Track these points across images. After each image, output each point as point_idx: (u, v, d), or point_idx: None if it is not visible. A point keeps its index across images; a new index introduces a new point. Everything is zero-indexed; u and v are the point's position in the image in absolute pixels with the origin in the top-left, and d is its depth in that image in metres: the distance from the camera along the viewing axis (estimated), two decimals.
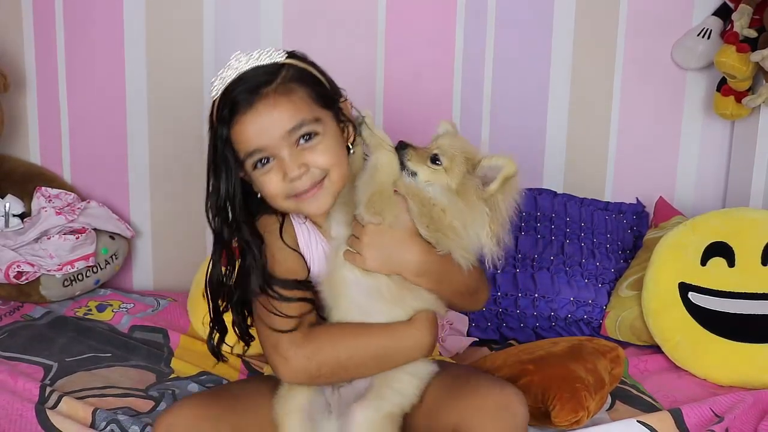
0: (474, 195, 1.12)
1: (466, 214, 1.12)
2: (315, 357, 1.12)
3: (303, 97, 1.14)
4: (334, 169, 1.15)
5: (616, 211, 1.91)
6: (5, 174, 1.89)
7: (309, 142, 1.13)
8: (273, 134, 1.11)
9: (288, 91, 1.13)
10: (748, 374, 1.45)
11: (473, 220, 1.12)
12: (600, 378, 1.27)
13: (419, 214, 1.12)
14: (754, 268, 1.51)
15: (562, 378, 1.24)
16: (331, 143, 1.15)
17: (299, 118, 1.12)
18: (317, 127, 1.14)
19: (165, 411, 1.12)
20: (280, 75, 1.13)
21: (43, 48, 1.93)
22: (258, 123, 1.12)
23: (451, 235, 1.12)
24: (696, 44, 1.89)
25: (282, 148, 1.12)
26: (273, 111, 1.11)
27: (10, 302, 1.76)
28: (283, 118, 1.11)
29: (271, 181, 1.14)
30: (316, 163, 1.13)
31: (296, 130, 1.12)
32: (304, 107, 1.13)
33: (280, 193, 1.14)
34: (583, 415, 1.21)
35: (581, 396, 1.21)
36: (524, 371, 1.28)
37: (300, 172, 1.12)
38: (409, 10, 1.92)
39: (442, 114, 1.94)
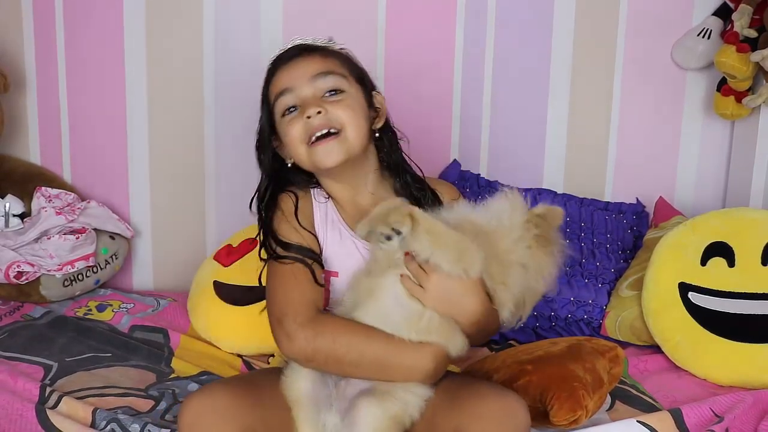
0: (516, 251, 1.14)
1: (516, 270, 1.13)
2: (313, 341, 1.13)
3: (338, 63, 1.26)
4: (352, 127, 1.21)
5: (616, 211, 1.91)
6: (5, 174, 1.89)
7: (333, 97, 1.22)
8: (302, 76, 1.22)
9: (328, 54, 1.26)
10: (748, 374, 1.45)
11: (517, 276, 1.13)
12: (598, 377, 1.27)
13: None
14: (754, 268, 1.51)
15: (560, 377, 1.23)
16: (354, 106, 1.23)
17: (329, 68, 1.24)
18: (343, 84, 1.24)
19: (193, 394, 1.11)
20: (327, 48, 1.28)
21: (43, 48, 1.93)
22: (292, 68, 1.24)
23: (505, 289, 1.12)
24: (696, 44, 1.89)
25: (306, 88, 1.22)
26: (306, 60, 1.24)
27: (10, 302, 1.76)
28: (315, 64, 1.24)
29: (293, 126, 1.21)
30: (335, 113, 1.21)
31: (323, 76, 1.22)
32: (336, 65, 1.25)
33: (299, 135, 1.21)
34: (582, 414, 1.20)
35: (579, 395, 1.21)
36: (523, 371, 1.28)
37: (317, 111, 1.20)
38: (409, 10, 1.92)
39: (442, 114, 1.95)
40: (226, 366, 1.53)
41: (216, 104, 1.94)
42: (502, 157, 1.98)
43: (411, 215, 1.08)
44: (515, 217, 1.18)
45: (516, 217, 1.18)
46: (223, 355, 1.59)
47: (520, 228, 1.16)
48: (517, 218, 1.18)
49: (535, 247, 1.15)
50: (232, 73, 1.93)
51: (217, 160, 1.96)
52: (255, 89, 1.91)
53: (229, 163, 1.96)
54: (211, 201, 1.98)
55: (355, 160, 1.23)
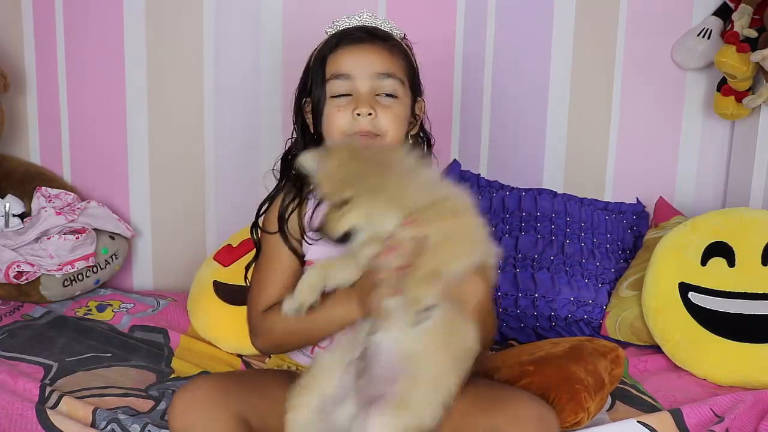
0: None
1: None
2: (261, 330, 1.26)
3: (401, 64, 1.27)
4: (392, 134, 1.24)
5: (616, 211, 1.91)
6: (5, 174, 1.89)
7: (387, 99, 1.24)
8: (364, 69, 1.23)
9: (393, 51, 1.27)
10: (748, 374, 1.45)
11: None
12: (600, 379, 1.27)
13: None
14: (754, 268, 1.51)
15: (562, 379, 1.23)
16: (401, 114, 1.26)
17: (392, 70, 1.25)
18: (399, 90, 1.26)
19: (182, 387, 1.12)
20: (393, 40, 1.28)
21: (43, 48, 1.93)
22: (357, 55, 1.24)
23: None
24: (696, 44, 1.89)
25: (365, 84, 1.23)
26: (374, 52, 1.25)
27: (10, 302, 1.75)
28: (380, 61, 1.24)
29: (340, 112, 1.23)
30: (383, 119, 1.23)
31: (384, 78, 1.24)
32: (398, 68, 1.26)
33: (342, 125, 1.23)
34: (584, 416, 1.21)
35: (581, 397, 1.21)
36: (524, 372, 1.27)
37: (368, 111, 1.22)
38: (409, 10, 1.92)
39: (442, 114, 1.95)
40: (226, 366, 1.53)
41: (216, 104, 1.94)
42: (502, 157, 1.98)
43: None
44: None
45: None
46: (223, 355, 1.59)
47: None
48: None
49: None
50: (232, 73, 1.93)
51: (217, 160, 1.96)
52: (255, 89, 1.93)
53: (229, 163, 1.96)
54: (211, 201, 1.98)
55: None
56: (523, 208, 1.82)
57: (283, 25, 1.91)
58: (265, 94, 1.93)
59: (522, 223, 1.80)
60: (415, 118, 1.32)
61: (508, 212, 1.83)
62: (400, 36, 1.32)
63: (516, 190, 1.86)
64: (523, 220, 1.81)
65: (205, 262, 1.77)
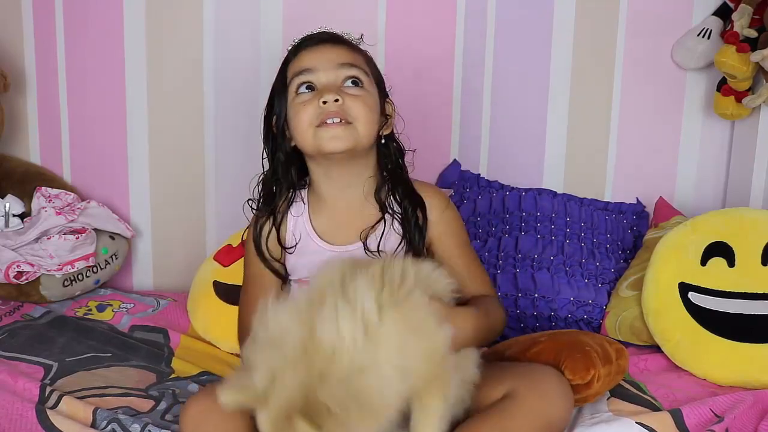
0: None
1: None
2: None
3: (362, 61, 1.27)
4: (364, 123, 1.21)
5: (616, 211, 1.91)
6: (5, 174, 1.89)
7: (353, 88, 1.22)
8: (327, 61, 1.23)
9: (354, 51, 1.27)
10: (748, 374, 1.45)
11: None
12: (607, 353, 1.28)
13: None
14: (754, 268, 1.51)
15: (573, 343, 1.26)
16: (370, 104, 1.23)
17: (354, 61, 1.24)
18: (365, 79, 1.24)
19: (194, 396, 1.12)
20: (353, 42, 1.29)
21: (43, 48, 1.93)
22: (317, 52, 1.25)
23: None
24: (696, 44, 1.89)
25: (329, 73, 1.22)
26: (333, 48, 1.25)
27: (10, 302, 1.76)
28: (340, 54, 1.24)
29: (305, 106, 1.21)
30: (351, 106, 1.20)
31: (347, 67, 1.23)
32: (361, 62, 1.26)
33: (308, 118, 1.20)
34: (594, 374, 1.22)
35: (592, 356, 1.23)
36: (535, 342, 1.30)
37: (334, 96, 1.19)
38: (409, 10, 1.92)
39: (442, 114, 1.95)
40: (226, 366, 1.53)
41: (216, 104, 1.94)
42: (502, 157, 1.98)
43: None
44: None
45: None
46: (223, 355, 1.59)
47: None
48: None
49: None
50: (232, 73, 1.93)
51: (217, 160, 1.96)
52: (255, 89, 1.93)
53: (229, 163, 1.96)
54: (211, 201, 1.98)
55: (356, 156, 1.24)
56: (523, 208, 1.82)
57: (283, 25, 1.91)
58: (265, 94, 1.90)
59: (522, 223, 1.80)
60: (386, 118, 1.30)
61: (508, 212, 1.83)
62: (356, 41, 1.32)
63: (516, 190, 1.86)
64: (523, 220, 1.81)
65: (205, 262, 1.77)
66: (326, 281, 1.02)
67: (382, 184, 1.29)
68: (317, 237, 1.29)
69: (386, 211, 1.28)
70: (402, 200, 1.28)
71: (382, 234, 1.27)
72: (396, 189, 1.29)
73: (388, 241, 1.27)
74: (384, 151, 1.30)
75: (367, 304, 0.95)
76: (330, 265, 1.06)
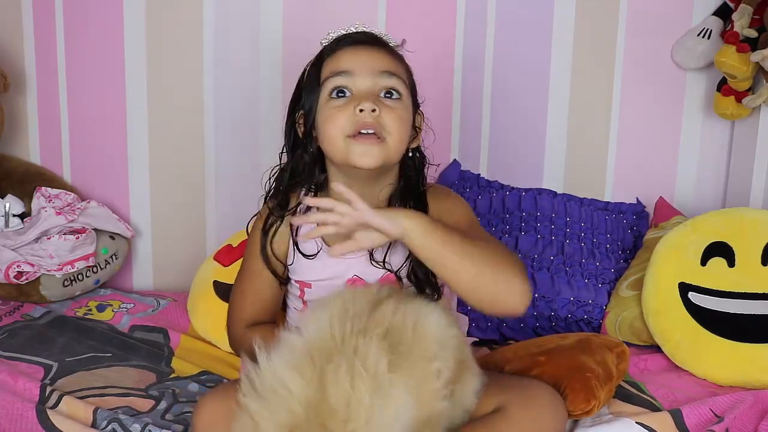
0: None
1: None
2: (246, 344, 1.21)
3: (402, 69, 1.21)
4: (396, 137, 1.16)
5: (616, 211, 1.91)
6: (5, 174, 1.89)
7: (390, 99, 1.17)
8: (366, 65, 1.16)
9: (395, 57, 1.21)
10: (748, 374, 1.45)
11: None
12: (608, 370, 1.28)
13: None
14: (754, 268, 1.51)
15: (573, 368, 1.25)
16: (405, 118, 1.18)
17: (395, 69, 1.18)
18: (403, 90, 1.18)
19: (207, 396, 1.11)
20: (393, 46, 1.23)
21: (43, 48, 1.93)
22: (358, 53, 1.18)
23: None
24: (696, 44, 1.89)
25: (368, 80, 1.15)
26: (375, 51, 1.18)
27: (10, 302, 1.76)
28: (381, 60, 1.18)
29: (339, 113, 1.15)
30: (387, 119, 1.15)
31: (387, 76, 1.17)
32: (401, 71, 1.20)
33: (342, 126, 1.14)
34: (595, 404, 1.22)
35: (592, 385, 1.22)
36: (536, 363, 1.29)
37: (372, 106, 1.13)
38: (409, 10, 1.92)
39: (442, 114, 1.95)
40: (226, 366, 1.53)
41: (216, 104, 1.94)
42: (502, 157, 1.98)
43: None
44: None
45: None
46: (223, 355, 1.59)
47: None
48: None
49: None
50: (232, 73, 1.93)
51: (217, 160, 1.96)
52: (255, 90, 1.93)
53: (229, 163, 1.96)
54: (211, 201, 1.98)
55: (384, 169, 1.20)
56: (523, 208, 1.83)
57: (283, 25, 1.91)
58: (265, 94, 1.93)
59: (522, 223, 1.80)
60: (416, 131, 1.25)
61: (508, 212, 1.83)
62: (396, 45, 1.26)
63: (516, 190, 1.86)
64: (523, 220, 1.81)
65: (205, 262, 1.77)
66: (326, 334, 0.99)
67: (396, 194, 1.25)
68: (322, 241, 1.25)
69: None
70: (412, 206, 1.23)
71: (389, 245, 1.20)
72: (408, 202, 1.23)
73: (396, 252, 1.23)
74: (408, 162, 1.24)
75: (380, 367, 0.95)
76: (323, 313, 1.02)
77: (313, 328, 1.00)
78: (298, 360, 0.97)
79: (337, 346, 0.97)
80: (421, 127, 1.26)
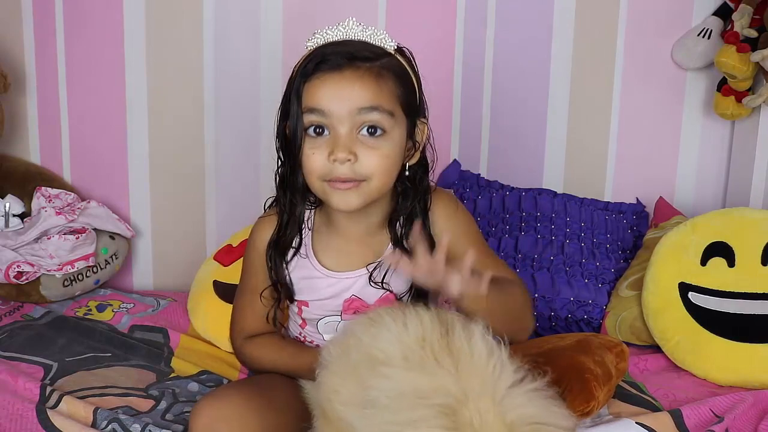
0: None
1: None
2: (244, 355, 1.30)
3: (391, 89, 1.11)
4: (378, 177, 1.11)
5: (616, 211, 1.91)
6: (5, 174, 1.89)
7: (372, 137, 1.10)
8: (344, 104, 1.08)
9: (380, 77, 1.10)
10: (748, 374, 1.45)
11: None
12: (608, 370, 1.28)
13: None
14: (754, 268, 1.51)
15: (573, 369, 1.24)
16: (390, 151, 1.12)
17: (377, 102, 1.09)
18: (387, 123, 1.10)
19: (206, 399, 1.10)
20: (382, 59, 1.12)
21: (43, 48, 1.93)
22: (336, 86, 1.08)
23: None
24: (696, 44, 1.89)
25: (345, 123, 1.09)
26: (356, 83, 1.08)
27: (10, 302, 1.75)
28: (362, 95, 1.08)
29: (315, 155, 1.11)
30: (366, 162, 1.10)
31: (368, 112, 1.08)
32: (386, 97, 1.10)
33: (318, 170, 1.11)
34: (594, 405, 1.21)
35: (591, 386, 1.22)
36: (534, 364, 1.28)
37: (346, 157, 1.08)
38: (409, 10, 1.92)
39: (442, 114, 1.95)
40: (226, 366, 1.53)
41: (216, 104, 1.94)
42: (502, 157, 1.98)
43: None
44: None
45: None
46: (223, 355, 1.59)
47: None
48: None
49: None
50: (232, 73, 1.93)
51: (217, 160, 1.96)
52: (255, 89, 1.93)
53: (229, 163, 1.96)
54: (211, 201, 1.98)
55: (369, 205, 1.17)
56: (523, 208, 1.82)
57: (283, 25, 1.91)
58: (265, 95, 1.93)
59: (522, 223, 1.80)
60: (415, 146, 1.17)
61: (508, 212, 1.83)
62: (392, 48, 1.15)
63: (516, 190, 1.86)
64: (523, 220, 1.81)
65: (205, 262, 1.77)
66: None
67: (397, 212, 1.21)
68: (315, 260, 1.23)
69: (398, 245, 1.19)
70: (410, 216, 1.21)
71: (389, 265, 1.17)
72: (410, 221, 1.19)
73: (397, 274, 1.18)
74: (406, 179, 1.19)
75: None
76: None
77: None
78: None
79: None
80: (421, 141, 1.18)
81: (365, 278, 1.21)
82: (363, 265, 1.21)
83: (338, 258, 1.23)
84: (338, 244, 1.23)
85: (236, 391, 1.13)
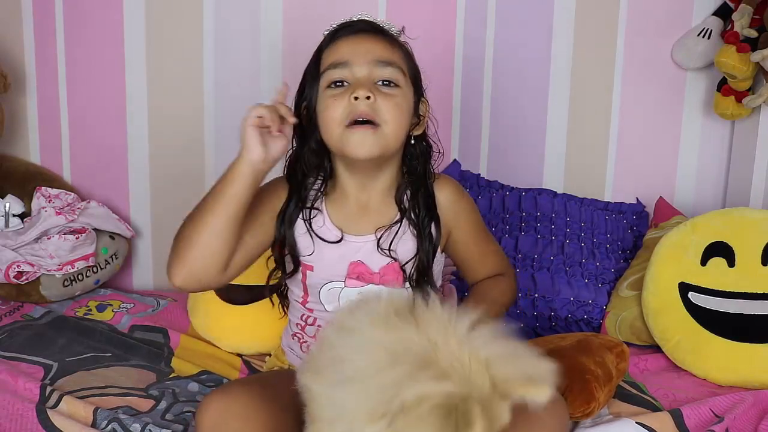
0: None
1: None
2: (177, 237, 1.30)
3: (401, 58, 1.22)
4: (394, 126, 1.16)
5: (616, 211, 1.91)
6: (5, 174, 1.89)
7: (388, 87, 1.17)
8: (363, 54, 1.17)
9: (393, 45, 1.22)
10: (748, 374, 1.45)
11: None
12: (608, 371, 1.28)
13: None
14: (754, 268, 1.51)
15: (573, 370, 1.25)
16: (403, 106, 1.18)
17: (393, 59, 1.19)
18: (401, 80, 1.19)
19: (213, 395, 1.10)
20: (393, 34, 1.24)
21: (43, 48, 1.93)
22: (355, 43, 1.19)
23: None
24: (696, 44, 1.89)
25: (363, 69, 1.17)
26: (372, 41, 1.19)
27: (10, 302, 1.76)
28: (379, 50, 1.18)
29: (336, 101, 1.16)
30: (383, 106, 1.15)
31: (384, 65, 1.17)
32: (399, 58, 1.20)
33: (338, 116, 1.16)
34: (595, 405, 1.22)
35: (592, 387, 1.22)
36: None
37: (366, 93, 1.14)
38: (409, 10, 1.92)
39: (442, 113, 1.94)
40: (226, 366, 1.53)
41: (216, 104, 1.94)
42: (502, 157, 1.99)
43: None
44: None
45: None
46: (223, 354, 1.59)
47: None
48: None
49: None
50: (232, 73, 1.93)
51: (217, 160, 1.96)
52: (255, 89, 1.93)
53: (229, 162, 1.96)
54: None
55: (383, 158, 1.21)
56: (523, 208, 1.83)
57: (283, 25, 1.91)
58: (265, 94, 1.93)
59: (522, 223, 1.80)
60: (419, 118, 1.25)
61: (508, 212, 1.83)
62: (397, 33, 1.26)
63: (516, 190, 1.87)
64: (523, 220, 1.81)
65: None
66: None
67: (403, 184, 1.26)
68: (330, 222, 1.25)
69: (404, 215, 1.24)
70: (420, 210, 1.24)
71: (396, 234, 1.23)
72: (416, 195, 1.24)
73: (403, 243, 1.24)
74: (411, 151, 1.25)
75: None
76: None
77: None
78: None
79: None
80: (425, 115, 1.26)
81: (373, 244, 1.23)
82: (372, 231, 1.24)
83: (348, 222, 1.25)
84: (349, 209, 1.26)
85: (243, 387, 1.13)
